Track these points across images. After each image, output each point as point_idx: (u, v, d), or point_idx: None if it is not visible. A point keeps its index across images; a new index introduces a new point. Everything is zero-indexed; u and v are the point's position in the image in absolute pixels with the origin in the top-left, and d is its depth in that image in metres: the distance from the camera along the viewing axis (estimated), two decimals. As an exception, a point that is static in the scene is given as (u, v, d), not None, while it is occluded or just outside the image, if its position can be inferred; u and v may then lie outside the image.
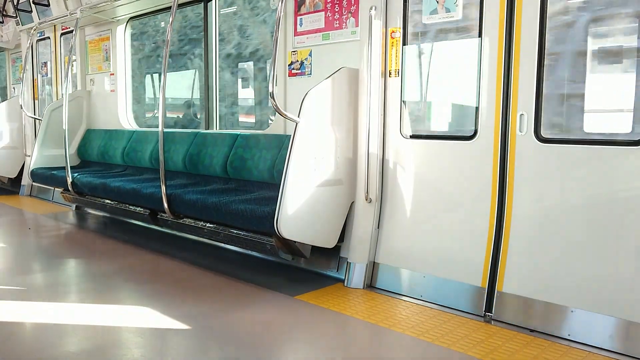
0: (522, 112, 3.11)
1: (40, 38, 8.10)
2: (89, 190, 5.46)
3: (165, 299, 3.49)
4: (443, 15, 3.49)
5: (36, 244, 5.19)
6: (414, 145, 3.66)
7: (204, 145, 5.11)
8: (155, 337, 2.92)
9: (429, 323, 3.11)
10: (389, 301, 3.49)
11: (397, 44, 3.70)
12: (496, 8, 3.20)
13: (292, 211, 3.46)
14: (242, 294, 3.64)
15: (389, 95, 3.75)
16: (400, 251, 3.70)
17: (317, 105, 3.60)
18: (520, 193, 3.16)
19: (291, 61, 4.48)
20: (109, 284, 3.82)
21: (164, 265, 4.36)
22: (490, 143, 3.26)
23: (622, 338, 2.73)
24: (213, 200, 3.98)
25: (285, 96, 4.55)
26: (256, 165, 4.50)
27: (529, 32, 3.07)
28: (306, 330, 3.02)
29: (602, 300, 2.81)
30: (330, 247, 3.82)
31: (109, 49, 6.77)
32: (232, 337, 2.89)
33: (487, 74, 3.26)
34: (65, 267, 4.36)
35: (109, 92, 6.82)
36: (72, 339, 2.88)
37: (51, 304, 3.37)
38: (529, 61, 3.08)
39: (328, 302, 3.44)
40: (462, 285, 3.35)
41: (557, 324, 2.94)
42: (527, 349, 2.75)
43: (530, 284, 3.08)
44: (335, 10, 4.14)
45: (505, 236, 3.21)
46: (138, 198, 4.73)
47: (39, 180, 6.45)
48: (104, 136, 6.63)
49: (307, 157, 3.55)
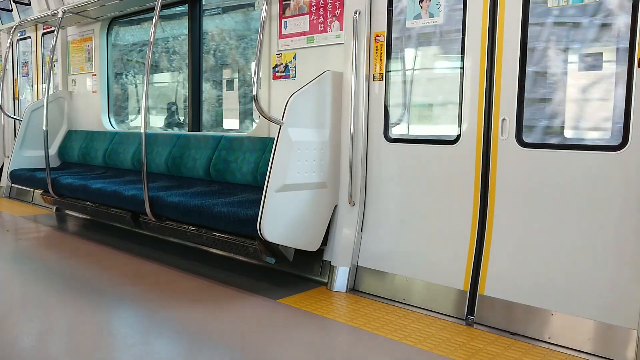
0: (504, 117, 3.14)
1: (20, 37, 7.98)
2: (70, 192, 5.39)
3: (146, 302, 3.45)
4: (427, 20, 3.51)
5: (14, 247, 5.10)
6: (398, 149, 3.67)
7: (187, 148, 5.07)
8: (136, 341, 2.89)
9: (412, 327, 3.12)
10: (371, 305, 3.49)
11: (381, 48, 3.72)
12: (479, 13, 3.23)
13: (275, 214, 3.45)
14: (225, 297, 3.62)
15: (373, 99, 3.77)
16: (383, 255, 3.71)
17: (301, 108, 3.59)
18: (502, 197, 3.19)
19: (275, 64, 4.47)
20: (88, 287, 3.76)
21: (146, 268, 4.32)
22: (473, 147, 3.29)
23: (600, 340, 2.77)
24: (196, 202, 3.95)
25: (269, 99, 4.54)
26: (239, 167, 4.47)
27: (511, 38, 3.10)
28: (289, 334, 3.01)
29: (582, 304, 2.84)
30: (314, 250, 3.81)
31: (91, 50, 6.70)
32: (214, 340, 2.87)
33: (470, 79, 3.29)
34: (44, 270, 4.28)
35: (90, 93, 6.74)
36: (50, 345, 2.83)
37: (27, 309, 3.31)
38: (510, 66, 3.11)
39: (311, 306, 3.43)
40: (445, 288, 3.36)
41: (538, 327, 2.96)
42: (508, 352, 2.77)
43: (512, 288, 3.10)
44: (320, 13, 4.14)
45: (487, 240, 3.23)
46: (119, 200, 4.67)
47: (19, 181, 6.34)
48: (85, 137, 6.54)
49: (291, 159, 3.54)
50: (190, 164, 4.94)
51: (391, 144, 3.70)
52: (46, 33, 7.45)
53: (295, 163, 3.57)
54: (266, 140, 4.42)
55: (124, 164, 5.79)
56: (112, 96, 6.77)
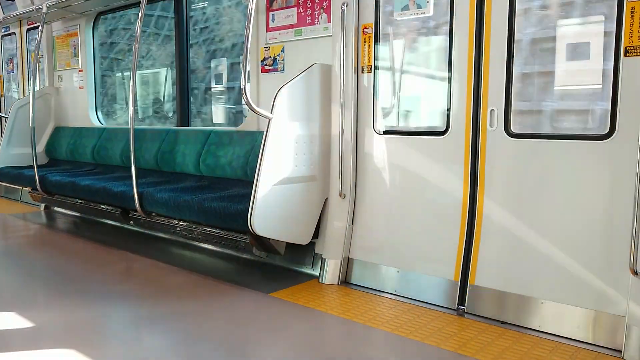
0: (493, 107, 3.15)
1: (5, 33, 7.87)
2: (58, 189, 5.34)
3: (137, 299, 3.43)
4: (415, 12, 3.51)
5: (2, 246, 5.05)
6: (387, 141, 3.68)
7: (176, 143, 5.04)
8: (127, 338, 2.88)
9: (403, 317, 3.14)
10: (363, 297, 3.50)
11: (369, 40, 3.71)
12: (466, 4, 3.23)
13: (265, 208, 3.44)
14: (216, 292, 3.61)
15: (362, 91, 3.76)
16: (374, 247, 3.72)
17: (290, 101, 3.58)
18: (491, 187, 3.20)
19: (264, 57, 4.45)
20: (78, 285, 3.74)
21: (136, 264, 4.30)
22: (462, 138, 3.30)
23: (589, 328, 2.80)
24: (186, 198, 3.93)
25: (258, 92, 4.52)
26: (229, 162, 4.46)
27: (499, 28, 3.10)
28: (281, 327, 3.01)
29: (571, 292, 2.87)
30: (305, 243, 3.81)
31: (77, 45, 6.62)
32: (206, 335, 2.87)
33: (458, 70, 3.29)
34: (33, 268, 4.25)
35: (77, 89, 6.68)
36: (40, 344, 2.82)
37: (16, 308, 3.29)
38: (498, 57, 3.12)
39: (303, 299, 3.44)
40: (436, 279, 3.38)
41: (528, 315, 2.99)
42: (499, 341, 2.80)
43: (502, 277, 3.13)
44: (308, 6, 4.12)
45: (477, 230, 3.25)
46: (109, 196, 4.64)
47: (6, 179, 6.28)
48: (73, 134, 6.48)
49: (281, 153, 3.53)
50: (180, 159, 4.91)
51: (381, 136, 3.70)
52: (31, 29, 7.35)
53: (285, 157, 3.56)
54: (255, 134, 4.40)
55: (113, 160, 5.76)
56: (99, 92, 6.70)
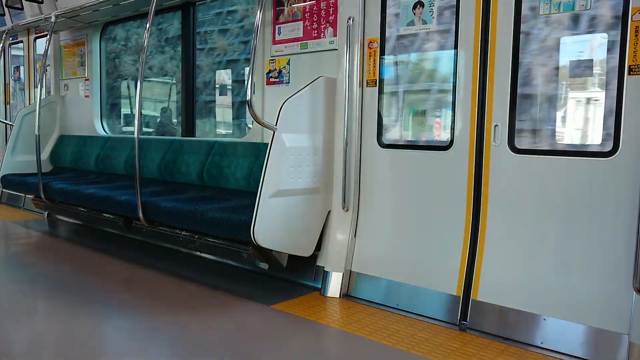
0: (497, 123, 3.17)
1: (13, 42, 7.94)
2: (62, 197, 5.35)
3: (139, 309, 3.43)
4: (420, 27, 3.54)
5: (4, 253, 5.06)
6: (391, 154, 3.69)
7: (180, 153, 5.06)
8: (129, 349, 2.87)
9: (405, 332, 3.13)
10: (365, 310, 3.49)
11: (374, 55, 3.74)
12: (472, 21, 3.26)
13: (268, 219, 3.44)
14: (218, 303, 3.60)
15: (366, 105, 3.78)
16: (377, 260, 3.72)
17: (294, 113, 3.60)
18: (494, 202, 3.20)
19: (269, 69, 4.48)
20: (80, 294, 3.74)
21: (139, 274, 4.29)
22: (466, 153, 3.31)
23: (592, 345, 2.78)
24: (189, 208, 3.94)
25: (263, 104, 4.55)
26: (233, 173, 4.47)
27: (504, 45, 3.13)
28: (282, 340, 3.00)
29: (574, 309, 2.86)
30: (307, 255, 3.81)
31: (84, 54, 6.68)
32: (207, 347, 2.86)
33: (463, 85, 3.31)
34: (35, 276, 4.25)
35: (83, 98, 6.72)
36: (41, 354, 2.81)
37: (17, 317, 3.29)
38: (503, 73, 3.14)
39: (304, 312, 3.43)
40: (438, 294, 3.37)
41: (531, 332, 2.98)
42: (501, 357, 2.78)
43: (504, 293, 3.12)
44: (314, 19, 4.16)
45: (480, 245, 3.24)
46: (112, 205, 4.65)
47: (10, 186, 6.29)
48: (77, 142, 6.51)
49: (284, 165, 3.55)
50: (184, 169, 4.93)
51: (384, 150, 3.72)
52: (38, 37, 7.42)
53: (288, 168, 3.57)
54: (260, 145, 4.42)
55: (117, 169, 5.77)
56: (104, 101, 6.74)
